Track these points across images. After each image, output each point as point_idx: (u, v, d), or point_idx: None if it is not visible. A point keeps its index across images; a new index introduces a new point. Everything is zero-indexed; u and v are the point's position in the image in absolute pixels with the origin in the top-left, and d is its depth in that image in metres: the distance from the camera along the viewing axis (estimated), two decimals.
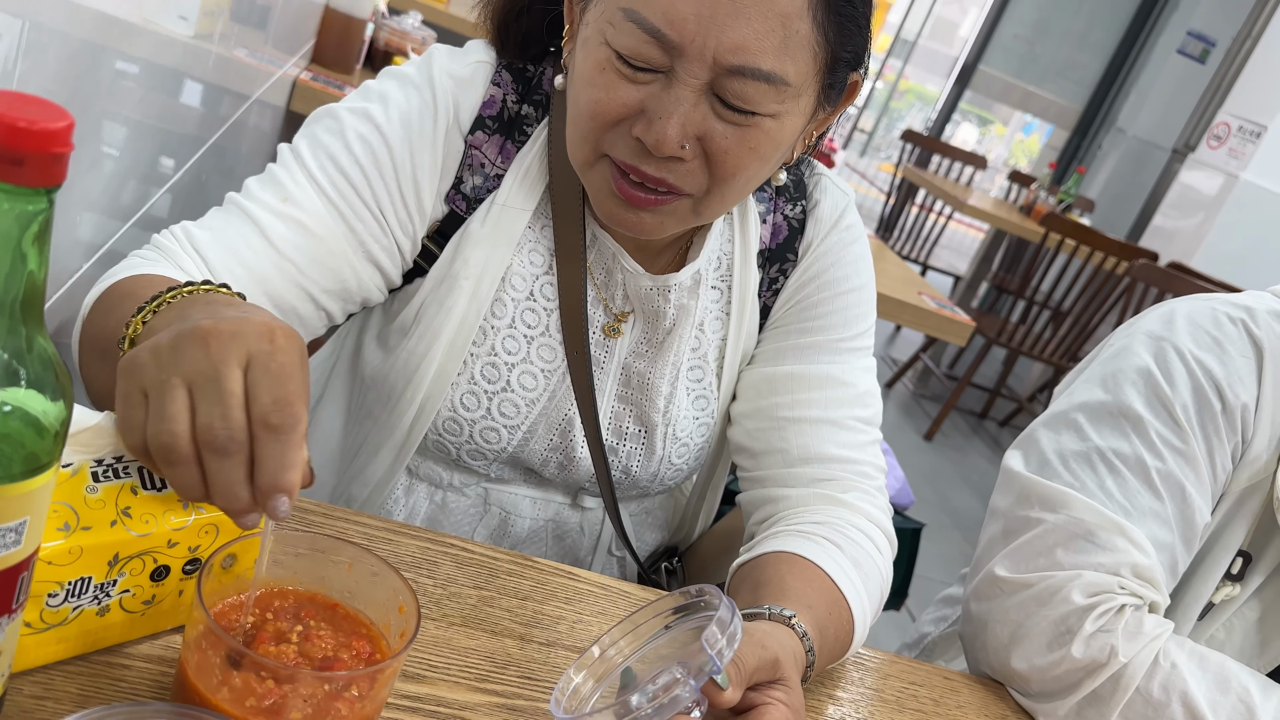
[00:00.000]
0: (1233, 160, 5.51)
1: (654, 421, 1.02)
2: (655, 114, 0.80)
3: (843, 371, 1.01)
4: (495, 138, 0.95)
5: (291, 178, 0.90)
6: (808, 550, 0.89)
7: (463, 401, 0.98)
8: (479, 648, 0.78)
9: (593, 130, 0.84)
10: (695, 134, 0.81)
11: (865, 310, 1.04)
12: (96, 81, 1.00)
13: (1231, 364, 1.02)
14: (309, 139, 0.91)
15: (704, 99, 0.80)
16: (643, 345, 1.01)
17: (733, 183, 0.85)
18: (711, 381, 1.04)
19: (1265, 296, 1.09)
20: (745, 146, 0.82)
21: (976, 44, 7.29)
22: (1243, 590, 1.06)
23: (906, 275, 3.00)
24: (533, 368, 0.99)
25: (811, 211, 1.04)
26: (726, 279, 1.02)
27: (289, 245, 0.88)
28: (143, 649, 0.66)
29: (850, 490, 0.97)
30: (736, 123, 0.81)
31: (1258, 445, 1.02)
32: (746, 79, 0.78)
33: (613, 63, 0.81)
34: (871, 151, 13.06)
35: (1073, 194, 5.45)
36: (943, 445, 4.63)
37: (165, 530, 0.63)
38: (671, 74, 0.79)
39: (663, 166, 0.83)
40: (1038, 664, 0.96)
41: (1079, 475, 1.01)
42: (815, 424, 0.99)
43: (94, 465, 0.63)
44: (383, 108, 0.91)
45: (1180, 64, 6.31)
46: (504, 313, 0.97)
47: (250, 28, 1.73)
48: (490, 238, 0.95)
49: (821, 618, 0.83)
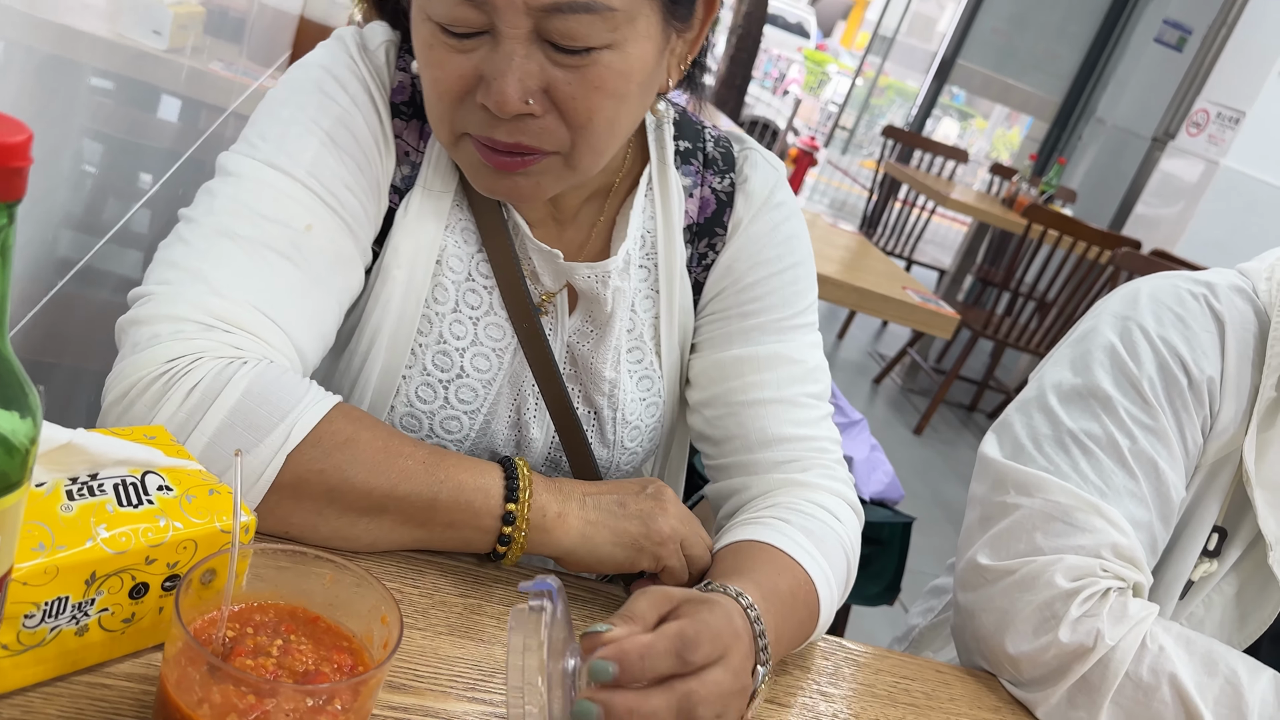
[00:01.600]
0: (1212, 147, 5.53)
1: (600, 404, 1.02)
2: (491, 76, 0.78)
3: (790, 349, 1.01)
4: (413, 123, 0.93)
5: (295, 199, 0.85)
6: (752, 534, 0.89)
7: (418, 394, 0.96)
8: (466, 656, 0.77)
9: (444, 110, 0.83)
10: (538, 87, 0.79)
11: (805, 287, 1.04)
12: (70, 97, 0.99)
13: (1195, 339, 1.03)
14: (286, 152, 0.86)
15: (535, 48, 0.78)
16: (586, 327, 1.00)
17: (592, 127, 0.82)
18: (652, 361, 1.04)
19: (1228, 273, 1.10)
20: (591, 87, 0.80)
21: (954, 38, 7.31)
22: (1220, 566, 1.06)
23: (890, 270, 3.01)
24: (484, 349, 0.98)
25: (741, 186, 1.03)
26: (652, 256, 1.02)
27: (330, 280, 0.86)
28: (124, 668, 0.65)
29: (810, 469, 0.98)
30: (574, 65, 0.79)
31: (1225, 418, 1.03)
32: (566, 14, 0.76)
33: (438, 36, 0.79)
34: (853, 149, 13.09)
35: (1054, 185, 5.48)
36: (932, 439, 4.63)
37: (142, 547, 0.62)
38: (495, 31, 0.77)
39: (516, 129, 0.81)
40: (1026, 650, 0.96)
41: (1053, 458, 1.01)
42: (769, 405, 0.99)
43: (68, 484, 0.63)
44: (331, 95, 0.88)
45: (1157, 52, 6.34)
46: (445, 297, 0.96)
47: (225, 40, 1.72)
48: (417, 224, 0.93)
49: (762, 577, 0.83)
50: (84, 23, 1.04)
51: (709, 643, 0.68)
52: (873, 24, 12.17)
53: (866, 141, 13.18)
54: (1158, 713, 0.92)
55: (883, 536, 1.90)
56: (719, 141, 1.05)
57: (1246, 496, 1.02)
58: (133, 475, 0.66)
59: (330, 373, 0.98)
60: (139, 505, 0.64)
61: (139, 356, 0.76)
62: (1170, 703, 0.92)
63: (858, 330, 5.95)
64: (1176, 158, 5.81)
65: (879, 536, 1.89)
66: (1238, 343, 1.03)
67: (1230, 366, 1.03)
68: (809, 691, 0.89)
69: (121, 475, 0.65)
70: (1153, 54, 6.38)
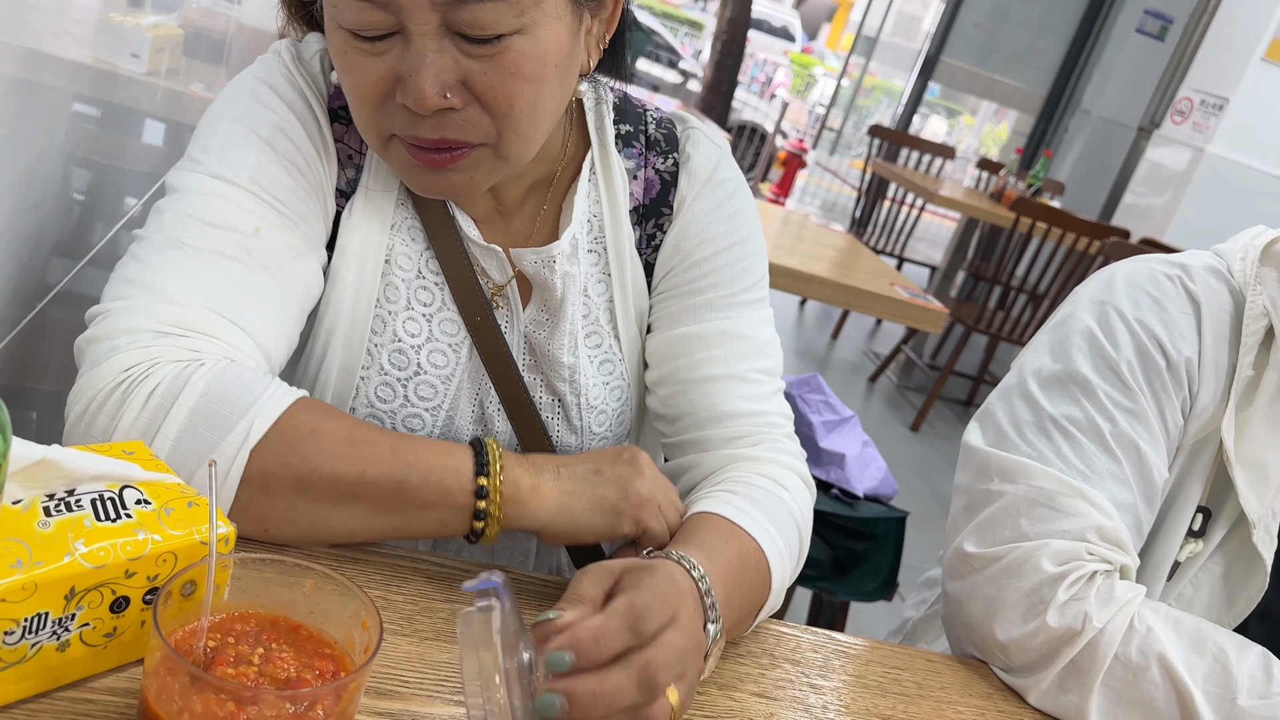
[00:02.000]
0: (1198, 134, 5.55)
1: (563, 391, 1.02)
2: (406, 74, 0.79)
3: (738, 325, 1.01)
4: (352, 127, 0.94)
5: (240, 205, 0.86)
6: (701, 506, 0.90)
7: (378, 394, 0.97)
8: (452, 660, 0.77)
9: (367, 114, 0.84)
10: (454, 80, 0.80)
11: (753, 263, 1.04)
12: (49, 121, 1.00)
13: (1172, 321, 1.03)
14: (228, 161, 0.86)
15: (446, 42, 0.79)
16: (542, 315, 1.01)
17: (514, 114, 0.83)
18: (611, 345, 1.04)
19: (1203, 254, 1.11)
20: (506, 74, 0.80)
21: (937, 36, 7.33)
22: (1205, 545, 1.07)
23: (878, 268, 3.02)
24: (439, 344, 0.98)
25: (684, 165, 1.03)
26: (600, 240, 1.02)
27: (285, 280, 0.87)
28: (107, 683, 0.65)
29: (760, 443, 0.99)
30: (486, 55, 0.79)
31: (1204, 398, 1.03)
32: (471, 5, 0.76)
33: (350, 42, 0.80)
34: (841, 149, 13.12)
35: (1041, 177, 5.49)
36: (930, 435, 4.64)
37: (121, 561, 0.62)
38: (405, 31, 0.78)
39: (439, 124, 0.81)
40: (1015, 636, 0.96)
41: (1035, 444, 1.02)
42: (718, 381, 1.00)
43: (45, 500, 0.63)
44: (266, 105, 0.90)
45: (1140, 43, 6.36)
46: (397, 296, 0.96)
47: (203, 61, 1.73)
48: (363, 224, 0.94)
49: (707, 541, 0.83)
50: (62, 48, 1.04)
51: (658, 609, 0.68)
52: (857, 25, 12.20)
53: (854, 142, 13.21)
54: (1148, 693, 0.92)
55: (877, 532, 1.90)
56: (660, 123, 1.05)
57: (1228, 476, 1.03)
58: (110, 490, 0.66)
59: (289, 377, 0.98)
60: (117, 519, 0.64)
61: (96, 370, 0.77)
62: (1160, 682, 0.92)
63: (852, 330, 5.96)
64: (1162, 146, 5.82)
65: (874, 532, 1.90)
66: (1214, 323, 1.04)
67: (1207, 346, 1.03)
68: (799, 684, 0.89)
69: (99, 490, 0.66)
70: (1135, 44, 6.40)
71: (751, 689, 0.86)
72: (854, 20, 11.91)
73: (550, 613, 0.68)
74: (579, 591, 0.71)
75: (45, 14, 0.96)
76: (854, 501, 1.91)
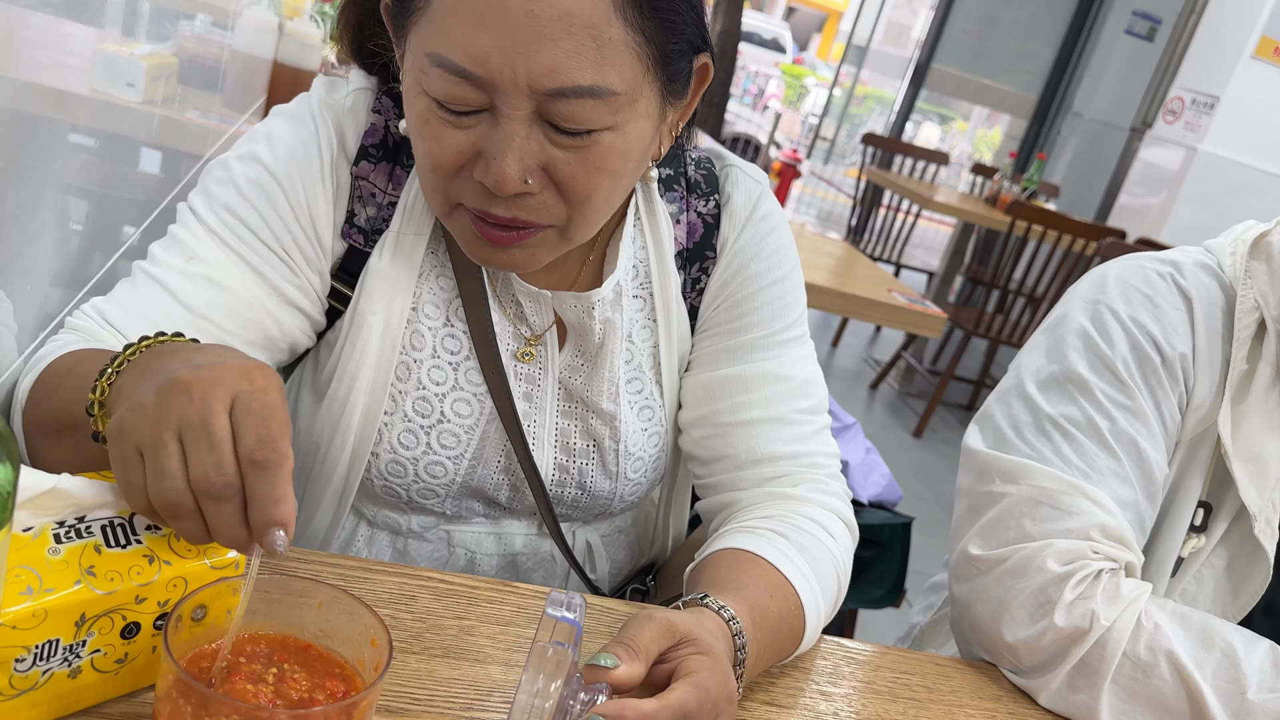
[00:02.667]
0: (1190, 133, 5.57)
1: (601, 435, 1.01)
2: (490, 155, 0.77)
3: (779, 366, 1.00)
4: (382, 165, 0.94)
5: (192, 235, 0.88)
6: (748, 543, 0.89)
7: (401, 441, 0.96)
8: (462, 677, 0.77)
9: (438, 182, 0.82)
10: (536, 165, 0.79)
11: (793, 300, 1.03)
12: (46, 152, 1.00)
13: (1165, 317, 1.04)
14: (203, 194, 0.90)
15: (535, 128, 0.77)
16: (578, 361, 1.00)
17: (589, 204, 0.82)
18: (652, 391, 1.03)
19: (1193, 250, 1.12)
20: (591, 167, 0.79)
21: (928, 43, 7.36)
22: (1208, 540, 1.07)
23: (875, 275, 3.03)
24: (464, 394, 0.97)
25: (725, 206, 1.02)
26: (646, 285, 1.01)
27: (201, 303, 0.87)
28: (119, 708, 0.65)
29: (801, 483, 0.98)
30: (575, 146, 0.78)
31: (1200, 393, 1.04)
32: (570, 99, 0.75)
33: (434, 111, 0.78)
34: (836, 158, 13.15)
35: (1036, 180, 5.51)
36: (932, 440, 4.64)
37: (131, 587, 0.62)
38: (495, 110, 0.77)
39: (513, 205, 0.80)
40: (1023, 637, 0.96)
41: (1035, 445, 1.02)
42: (758, 424, 0.98)
43: (55, 527, 0.63)
44: (268, 146, 0.90)
45: (1129, 44, 6.40)
46: (423, 344, 0.96)
47: (199, 89, 1.74)
48: (391, 269, 0.94)
49: (755, 597, 0.83)
50: (56, 78, 1.05)
51: (708, 714, 0.69)
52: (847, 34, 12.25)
53: (848, 150, 13.25)
54: (1157, 689, 0.93)
55: (883, 538, 1.90)
56: (699, 163, 1.04)
57: (1227, 470, 1.03)
58: (120, 516, 0.66)
59: (313, 418, 0.98)
60: (127, 545, 0.64)
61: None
62: (1169, 679, 0.92)
63: (851, 337, 5.96)
64: (1155, 146, 5.84)
65: (879, 538, 1.89)
66: (1206, 318, 1.04)
67: (1201, 342, 1.04)
68: (809, 692, 0.89)
69: (109, 516, 0.66)
70: (1124, 45, 6.44)
71: (762, 698, 0.86)
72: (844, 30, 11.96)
73: (606, 658, 0.67)
74: (638, 642, 0.69)
75: (41, 47, 0.97)
76: (859, 509, 1.91)
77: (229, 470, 0.58)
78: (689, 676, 0.69)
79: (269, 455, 0.58)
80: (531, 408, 1.00)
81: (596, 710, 0.64)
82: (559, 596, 0.67)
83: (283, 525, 0.58)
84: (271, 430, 0.58)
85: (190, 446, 0.58)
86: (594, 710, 0.64)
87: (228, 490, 0.58)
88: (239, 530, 0.59)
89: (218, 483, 0.58)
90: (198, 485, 0.58)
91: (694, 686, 0.68)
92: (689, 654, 0.71)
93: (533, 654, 0.63)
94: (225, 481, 0.58)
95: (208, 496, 0.58)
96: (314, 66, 2.52)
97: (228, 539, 0.59)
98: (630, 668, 0.68)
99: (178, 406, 0.59)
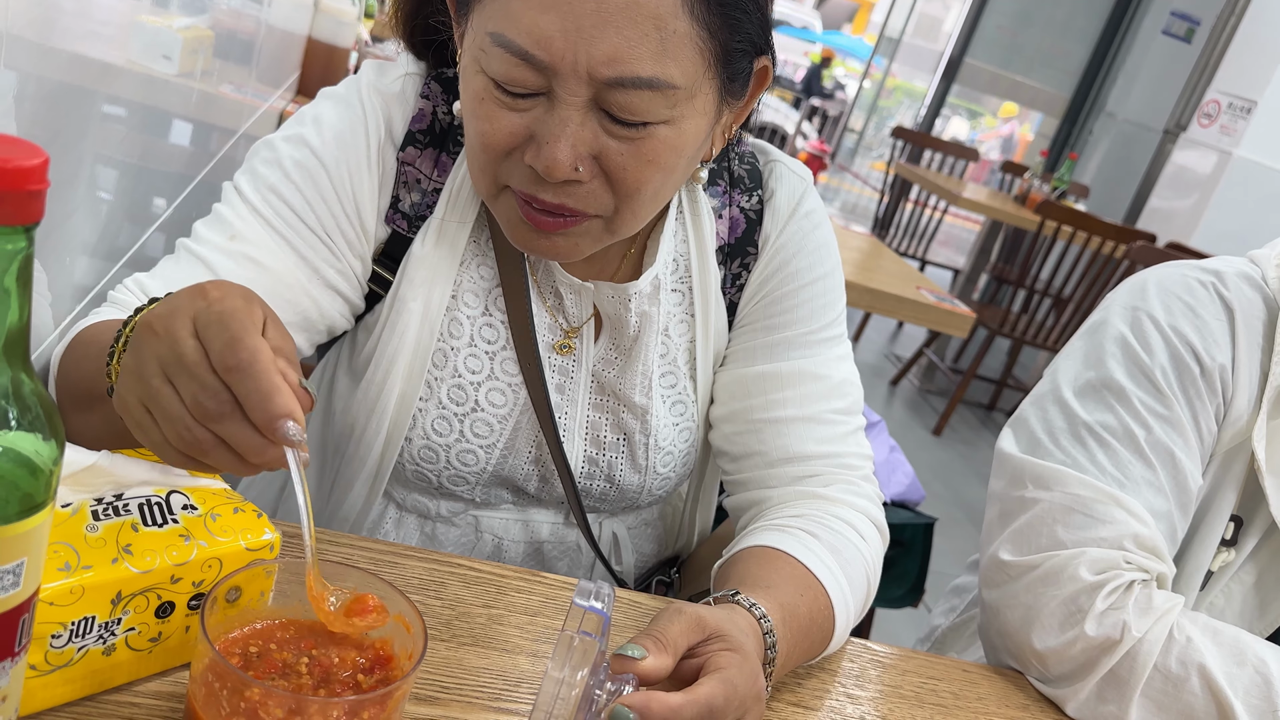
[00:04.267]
0: (1225, 137, 5.50)
1: (632, 428, 1.00)
2: (543, 139, 0.77)
3: (815, 365, 0.99)
4: (429, 151, 0.93)
5: (236, 214, 0.89)
6: (779, 541, 0.89)
7: (434, 427, 0.96)
8: (490, 666, 0.77)
9: (487, 163, 0.82)
10: (589, 153, 0.78)
11: (833, 299, 1.02)
12: (82, 124, 1.00)
13: (1205, 327, 1.02)
14: (249, 173, 0.90)
15: (591, 116, 0.77)
16: (611, 354, 0.99)
17: (638, 197, 0.81)
18: (686, 386, 1.02)
19: (1237, 260, 1.09)
20: (643, 160, 0.79)
21: (961, 38, 7.30)
22: (1238, 555, 1.05)
23: (904, 271, 3.00)
24: (499, 384, 0.97)
25: (768, 201, 1.01)
26: (686, 280, 1.00)
27: (241, 281, 0.84)
28: (152, 686, 0.65)
29: (833, 484, 0.97)
30: (629, 137, 0.78)
31: (1239, 405, 1.02)
32: (629, 89, 0.75)
33: (491, 91, 0.78)
34: (863, 151, 13.07)
35: (1066, 180, 5.45)
36: (952, 439, 4.61)
37: (168, 566, 0.62)
38: (552, 95, 0.76)
39: (561, 191, 0.80)
40: (1053, 645, 0.95)
41: (1070, 451, 1.01)
42: (792, 423, 0.98)
43: (94, 504, 0.63)
44: (316, 130, 0.90)
45: (1166, 44, 6.31)
46: (460, 332, 0.96)
47: (234, 63, 1.74)
48: (433, 255, 0.94)
49: (786, 596, 0.82)
50: (95, 50, 1.05)
51: (734, 710, 0.68)
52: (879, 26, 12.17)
53: (876, 143, 13.16)
54: (1188, 704, 0.91)
55: (905, 538, 1.89)
56: (744, 158, 1.03)
57: (1259, 484, 1.02)
58: (158, 495, 0.66)
59: (349, 400, 0.98)
60: (164, 525, 0.64)
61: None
62: (1200, 693, 0.91)
63: (873, 332, 5.93)
64: (1189, 149, 5.77)
65: (901, 538, 1.88)
66: (1247, 330, 1.02)
67: (1241, 354, 1.02)
68: (836, 694, 0.89)
69: (146, 495, 0.66)
70: (1161, 46, 6.35)
71: (789, 699, 0.86)
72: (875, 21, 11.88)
73: (633, 649, 0.67)
74: (666, 634, 0.69)
75: (79, 17, 0.97)
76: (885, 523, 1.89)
77: (213, 386, 0.56)
78: (717, 672, 0.68)
79: (239, 357, 0.56)
80: (564, 399, 0.99)
81: (622, 701, 0.64)
82: (587, 586, 0.67)
83: (286, 415, 0.56)
84: (233, 332, 0.57)
85: (175, 380, 0.58)
86: (619, 701, 0.64)
87: (223, 406, 0.57)
88: (254, 438, 0.57)
89: (209, 405, 0.56)
90: (197, 414, 0.57)
91: (722, 682, 0.68)
92: (718, 650, 0.70)
93: (559, 643, 0.62)
94: (215, 400, 0.56)
95: (210, 420, 0.57)
96: (348, 44, 2.52)
97: (250, 451, 0.57)
98: (658, 660, 0.67)
99: (148, 347, 0.59)
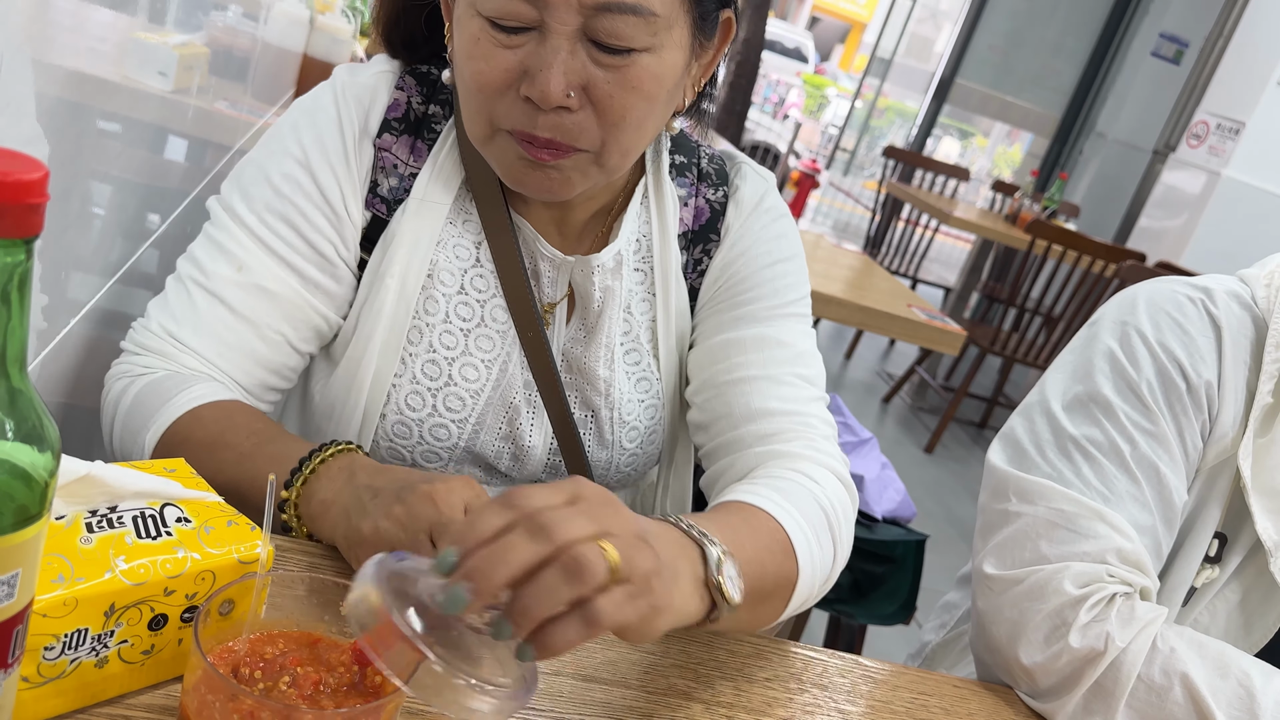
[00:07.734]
0: (1214, 158, 5.55)
1: (597, 405, 1.05)
2: (536, 69, 0.84)
3: (777, 332, 1.03)
4: (404, 138, 1.00)
5: (238, 243, 0.95)
6: (727, 495, 0.89)
7: (408, 402, 1.00)
8: None
9: (483, 103, 0.88)
10: (579, 83, 0.85)
11: (795, 280, 1.07)
12: (77, 139, 1.01)
13: (1193, 344, 1.03)
14: (241, 195, 0.96)
15: (580, 46, 0.84)
16: (578, 330, 1.04)
17: (624, 126, 0.88)
18: (650, 363, 1.07)
19: (1226, 279, 1.11)
20: (628, 86, 0.86)
21: (952, 58, 7.35)
22: (1221, 572, 1.06)
23: (895, 289, 3.02)
24: (473, 359, 1.01)
25: (733, 196, 1.08)
26: (648, 260, 1.06)
27: (261, 314, 0.95)
28: (144, 699, 0.65)
29: (794, 440, 0.98)
30: (615, 65, 0.85)
31: (1224, 422, 1.03)
32: (614, 14, 0.82)
33: (486, 31, 0.85)
34: (855, 170, 13.14)
35: (1057, 200, 5.49)
36: (943, 457, 4.62)
37: (161, 579, 0.63)
38: (543, 27, 0.83)
39: (553, 124, 0.86)
40: (1039, 660, 0.96)
41: (1055, 464, 1.02)
42: (754, 381, 1.01)
43: (88, 516, 0.63)
44: (295, 138, 0.96)
45: (1155, 66, 6.37)
46: (436, 309, 1.00)
47: (229, 80, 1.75)
48: (411, 235, 0.99)
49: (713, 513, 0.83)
50: (90, 66, 1.05)
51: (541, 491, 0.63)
52: (870, 46, 12.25)
53: (868, 162, 13.23)
54: (1171, 714, 0.92)
55: (896, 555, 1.89)
56: (713, 159, 1.11)
57: (1244, 502, 1.02)
58: (152, 507, 0.67)
59: (327, 380, 1.02)
60: (158, 537, 0.64)
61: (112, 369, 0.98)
62: (1183, 703, 0.92)
63: (865, 350, 5.95)
64: (1178, 170, 5.82)
65: (892, 555, 1.89)
66: (1235, 348, 1.03)
67: (1227, 371, 1.03)
68: (827, 709, 0.89)
69: (141, 507, 0.66)
70: (1150, 67, 6.41)
71: (780, 713, 0.86)
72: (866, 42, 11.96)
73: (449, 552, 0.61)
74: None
75: (74, 33, 0.97)
76: (873, 524, 1.90)
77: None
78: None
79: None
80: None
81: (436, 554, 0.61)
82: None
83: None
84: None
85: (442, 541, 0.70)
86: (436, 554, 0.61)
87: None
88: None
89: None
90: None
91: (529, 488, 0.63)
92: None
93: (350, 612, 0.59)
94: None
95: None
96: (343, 60, 2.53)
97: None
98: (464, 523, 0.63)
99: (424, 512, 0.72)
